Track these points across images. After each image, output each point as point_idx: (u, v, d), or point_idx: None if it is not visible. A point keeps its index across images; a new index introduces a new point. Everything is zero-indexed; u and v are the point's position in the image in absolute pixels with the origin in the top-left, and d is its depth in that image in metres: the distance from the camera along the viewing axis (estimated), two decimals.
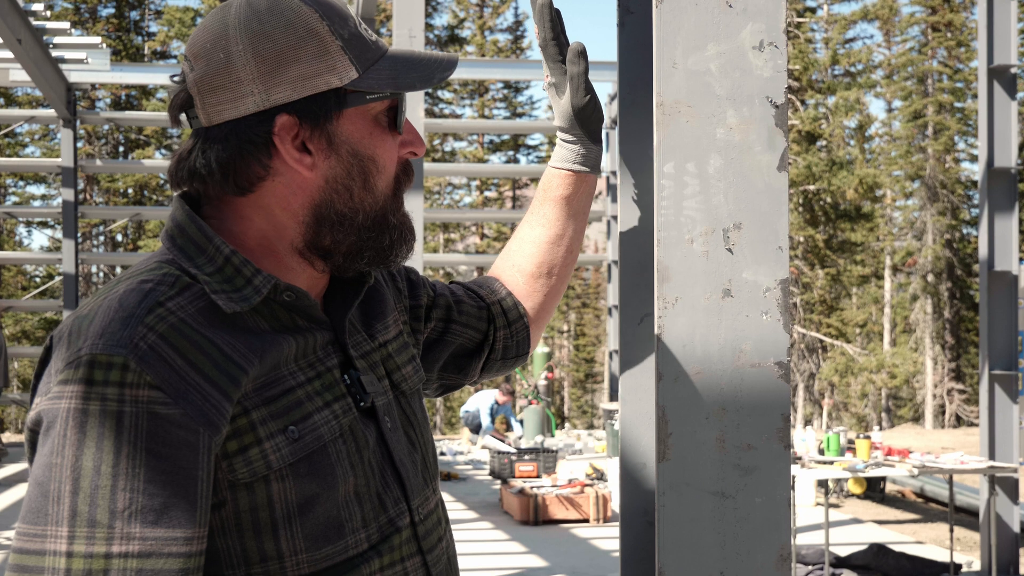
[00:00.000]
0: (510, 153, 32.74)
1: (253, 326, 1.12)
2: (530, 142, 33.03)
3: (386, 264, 1.20)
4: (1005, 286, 7.68)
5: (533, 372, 15.58)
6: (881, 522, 10.16)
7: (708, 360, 1.18)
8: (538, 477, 10.46)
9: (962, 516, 10.37)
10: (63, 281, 13.22)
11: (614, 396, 14.46)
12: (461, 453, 13.87)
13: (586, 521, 9.01)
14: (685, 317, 1.18)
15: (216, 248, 1.12)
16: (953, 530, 7.38)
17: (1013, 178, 7.72)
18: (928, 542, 8.96)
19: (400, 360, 1.29)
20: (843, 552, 7.51)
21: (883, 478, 11.43)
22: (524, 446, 12.12)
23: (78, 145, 14.26)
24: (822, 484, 7.58)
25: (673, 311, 1.18)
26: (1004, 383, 7.60)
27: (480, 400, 14.62)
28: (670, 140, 1.19)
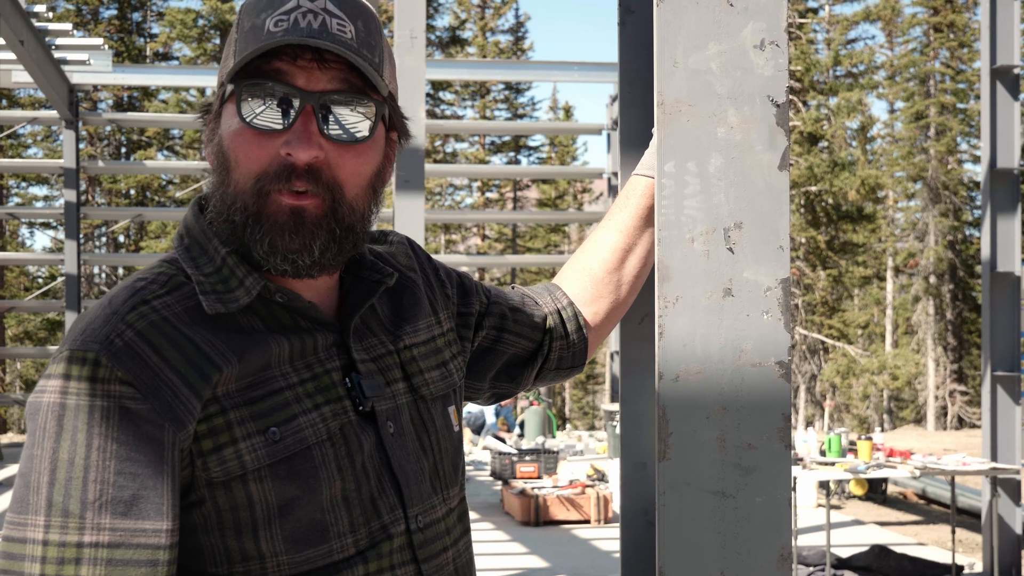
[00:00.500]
0: (511, 154, 32.75)
1: (245, 326, 1.12)
2: (531, 143, 33.03)
3: (270, 260, 1.11)
4: (1008, 287, 7.67)
5: None
6: (883, 523, 10.15)
7: (709, 359, 1.18)
8: (539, 478, 10.46)
9: (964, 518, 10.36)
10: (65, 282, 13.23)
11: (615, 397, 14.45)
12: None
13: (587, 522, 9.01)
14: (686, 316, 1.18)
15: (215, 248, 1.14)
16: (955, 532, 7.37)
17: (1016, 179, 7.72)
18: (930, 544, 8.95)
19: (425, 365, 1.26)
20: (844, 553, 7.50)
21: (885, 479, 11.42)
22: (525, 447, 12.12)
23: (80, 146, 14.27)
24: (823, 485, 7.57)
25: (674, 310, 1.18)
26: (1006, 384, 7.59)
27: None
28: (671, 139, 1.19)
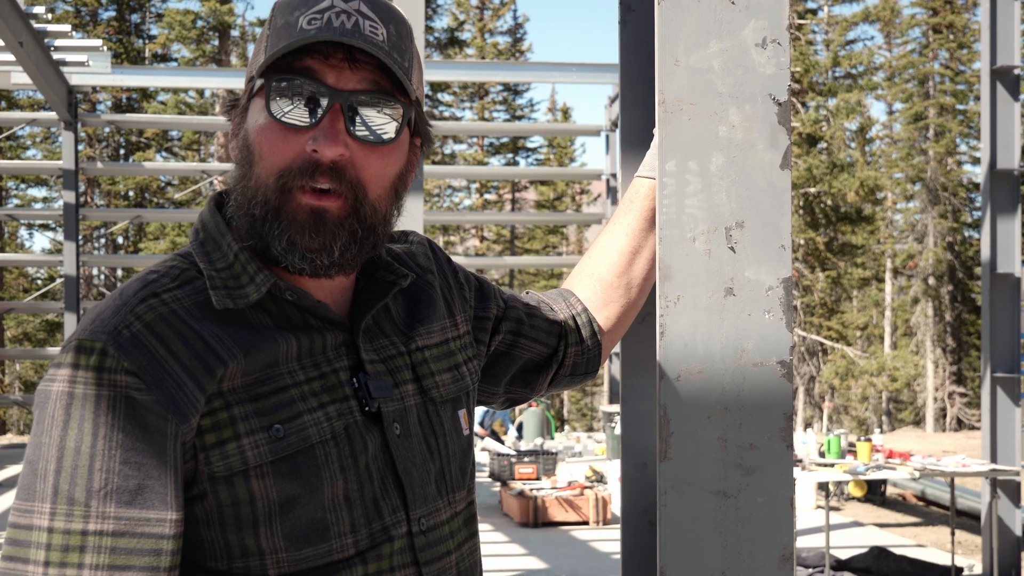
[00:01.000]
0: (510, 156, 32.74)
1: (255, 322, 1.12)
2: (530, 145, 33.01)
3: (289, 258, 1.11)
4: (1007, 288, 7.67)
5: None
6: (882, 525, 10.15)
7: (710, 359, 1.17)
8: (538, 479, 10.45)
9: (964, 519, 10.35)
10: (64, 283, 13.21)
11: (614, 399, 14.45)
12: None
13: (586, 523, 9.01)
14: (687, 316, 1.18)
15: (228, 244, 1.15)
16: (955, 533, 7.37)
17: (1016, 180, 7.71)
18: (929, 545, 8.94)
19: (436, 367, 1.26)
20: (844, 555, 7.49)
21: (884, 481, 11.42)
22: (524, 448, 12.12)
23: (79, 148, 14.25)
24: (823, 487, 7.57)
25: (675, 310, 1.18)
26: (1006, 386, 7.59)
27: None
28: (672, 138, 1.19)
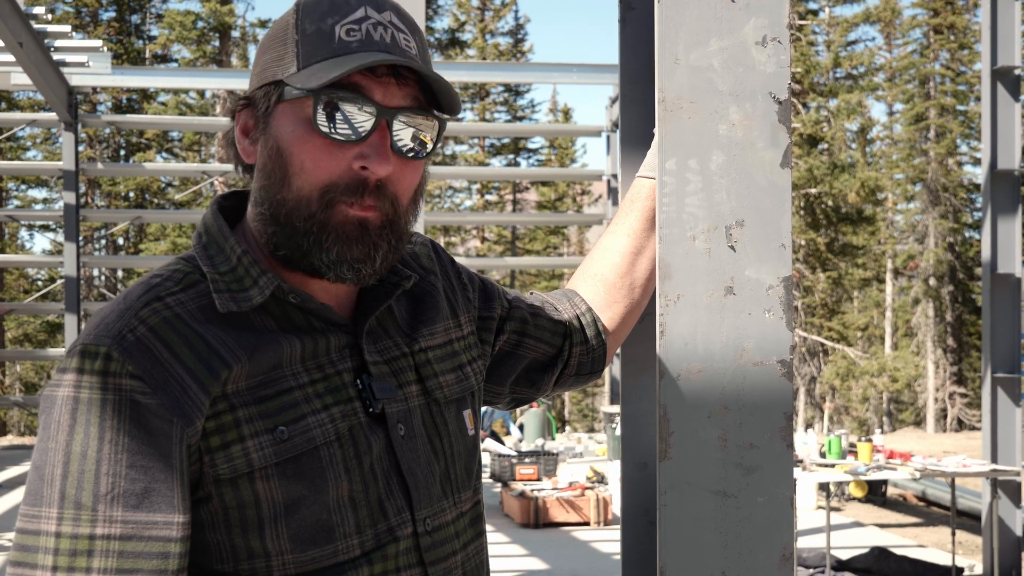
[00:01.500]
0: (511, 156, 32.75)
1: (258, 325, 1.12)
2: (531, 145, 33.00)
3: (336, 269, 1.11)
4: (1008, 288, 7.67)
5: None
6: (883, 525, 10.14)
7: (710, 358, 1.17)
8: (539, 480, 10.45)
9: (964, 520, 10.35)
10: (65, 284, 13.21)
11: (614, 399, 14.44)
12: None
13: (587, 524, 9.00)
14: (687, 315, 1.17)
15: (231, 248, 1.15)
16: (955, 534, 7.36)
17: (1016, 180, 7.71)
18: (930, 546, 8.94)
19: (440, 368, 1.26)
20: (844, 555, 7.49)
21: (884, 482, 11.42)
22: (525, 449, 12.11)
23: (79, 148, 14.25)
24: (823, 487, 7.56)
25: (675, 309, 1.17)
26: (1007, 386, 7.59)
27: None
28: (672, 136, 1.18)
